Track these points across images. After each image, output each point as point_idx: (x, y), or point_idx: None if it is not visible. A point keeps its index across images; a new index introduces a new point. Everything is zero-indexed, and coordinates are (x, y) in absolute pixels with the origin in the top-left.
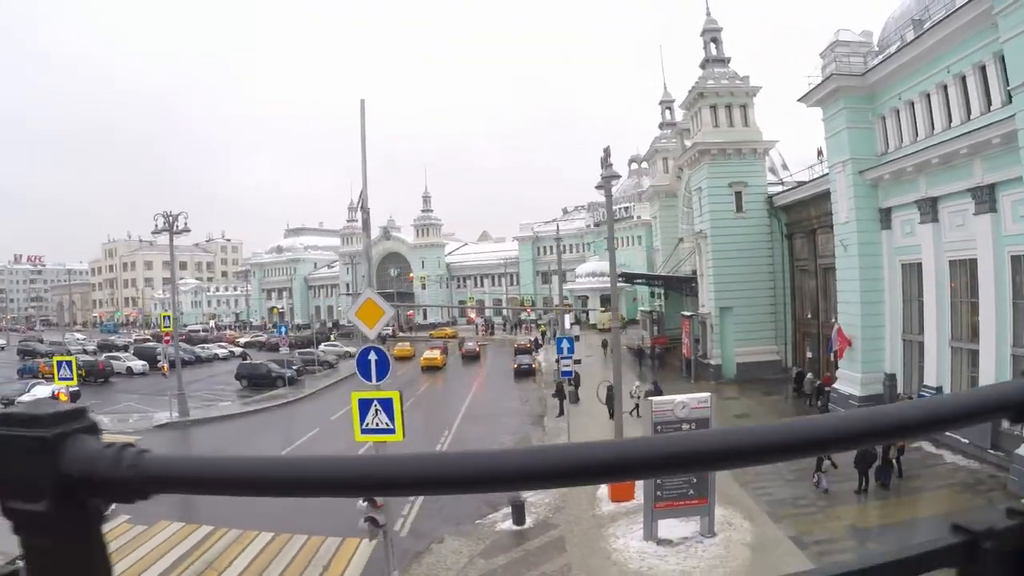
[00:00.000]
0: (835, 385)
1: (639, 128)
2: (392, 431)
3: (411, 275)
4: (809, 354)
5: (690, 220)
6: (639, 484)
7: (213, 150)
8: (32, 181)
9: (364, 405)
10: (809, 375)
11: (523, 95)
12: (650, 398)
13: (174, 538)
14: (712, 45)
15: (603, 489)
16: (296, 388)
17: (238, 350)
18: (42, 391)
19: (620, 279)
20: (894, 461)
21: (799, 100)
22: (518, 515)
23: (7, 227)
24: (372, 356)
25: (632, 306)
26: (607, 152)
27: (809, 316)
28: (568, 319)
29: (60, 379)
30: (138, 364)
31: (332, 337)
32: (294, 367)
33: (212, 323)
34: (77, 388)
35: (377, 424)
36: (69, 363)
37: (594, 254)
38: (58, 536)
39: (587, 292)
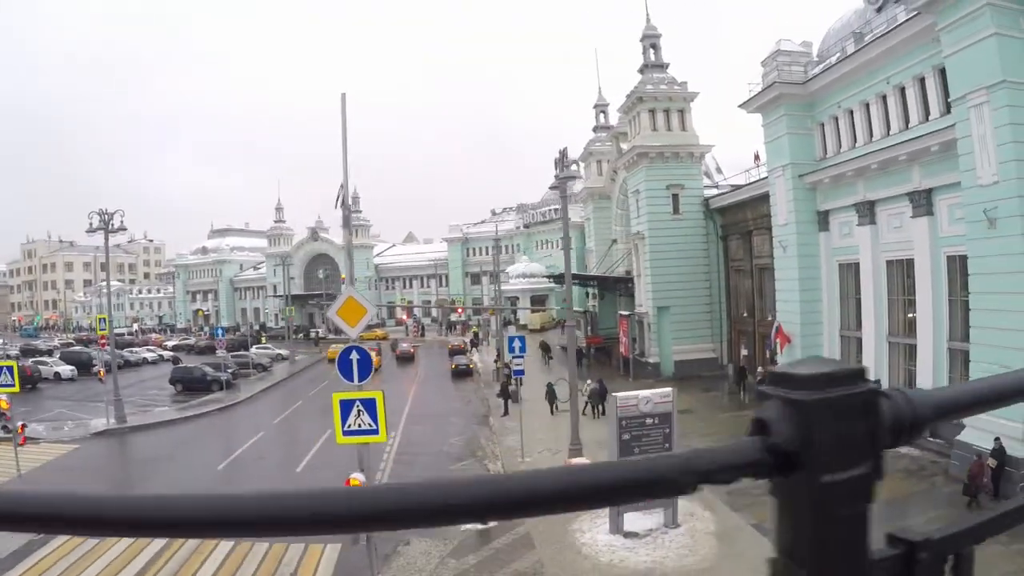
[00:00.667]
0: None
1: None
2: (376, 432)
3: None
4: (745, 351)
5: (624, 222)
6: None
7: (137, 149)
8: None
9: (346, 406)
10: (760, 369)
11: (499, 98)
12: (614, 394)
13: (127, 554)
14: (651, 51)
15: None
16: (232, 392)
17: (167, 354)
18: None
19: (552, 280)
20: None
21: (740, 106)
22: None
23: None
24: (354, 355)
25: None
26: (563, 153)
27: (745, 314)
28: (500, 320)
29: (0, 386)
30: (66, 369)
31: (263, 339)
32: (229, 371)
33: (136, 326)
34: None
35: (360, 425)
36: (10, 368)
37: (523, 255)
38: (869, 497)
39: (518, 293)
